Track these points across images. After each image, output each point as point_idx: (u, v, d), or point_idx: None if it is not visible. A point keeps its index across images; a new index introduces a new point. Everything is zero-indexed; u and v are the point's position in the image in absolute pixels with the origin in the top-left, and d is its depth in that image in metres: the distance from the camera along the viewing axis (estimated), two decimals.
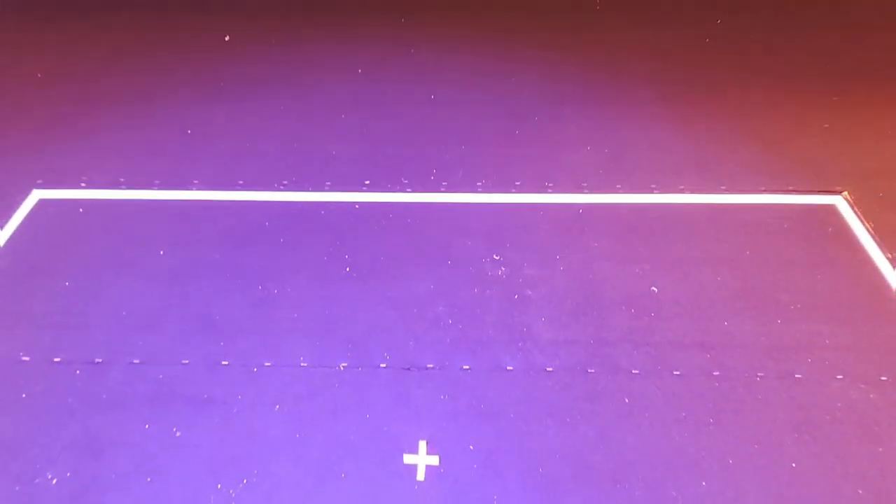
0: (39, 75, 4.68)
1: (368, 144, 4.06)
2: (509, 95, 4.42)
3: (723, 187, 3.73)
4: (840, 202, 3.59)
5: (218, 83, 4.61)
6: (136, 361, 2.85)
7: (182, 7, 5.40)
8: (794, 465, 2.43)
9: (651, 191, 3.73)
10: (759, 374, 2.76)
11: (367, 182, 3.82)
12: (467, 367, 2.84)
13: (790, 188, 3.69)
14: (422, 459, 2.50)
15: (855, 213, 3.49)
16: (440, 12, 5.20)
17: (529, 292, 3.15)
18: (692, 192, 3.71)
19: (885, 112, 4.22)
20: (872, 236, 3.36)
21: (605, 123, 4.19)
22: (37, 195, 3.71)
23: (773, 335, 2.91)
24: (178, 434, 2.58)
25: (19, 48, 5.01)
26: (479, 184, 3.81)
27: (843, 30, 4.94)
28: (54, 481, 2.42)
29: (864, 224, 3.42)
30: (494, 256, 3.34)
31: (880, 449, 2.47)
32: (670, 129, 4.13)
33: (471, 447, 2.52)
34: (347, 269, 3.29)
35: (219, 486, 2.40)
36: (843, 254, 3.30)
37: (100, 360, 2.85)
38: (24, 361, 2.85)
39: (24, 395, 2.72)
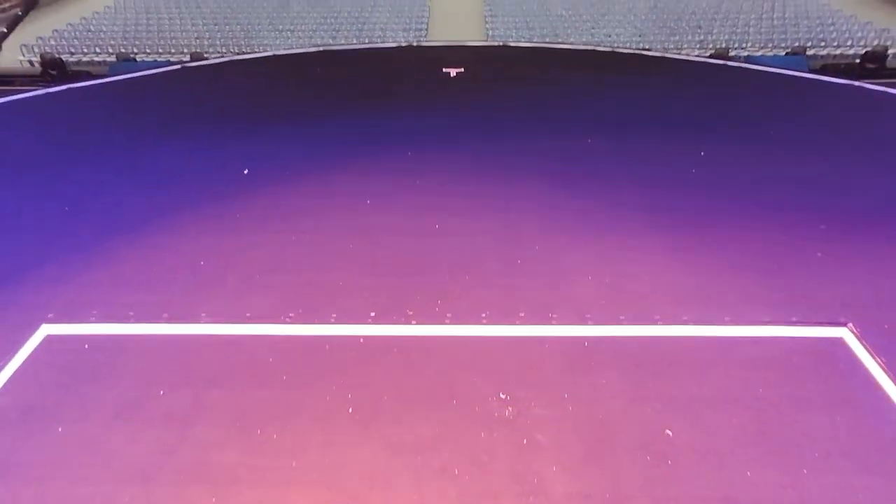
0: (67, 209, 4.95)
1: (375, 276, 4.17)
2: (510, 226, 4.62)
3: (727, 318, 3.75)
4: (846, 334, 3.57)
5: (233, 214, 4.86)
6: None
7: (200, 138, 5.85)
8: None
9: (655, 321, 3.74)
10: None
11: (373, 314, 3.85)
12: None
13: (794, 320, 3.70)
14: None
15: (864, 346, 3.47)
16: (444, 146, 5.62)
17: (539, 436, 3.02)
18: (696, 322, 3.72)
19: (873, 238, 4.36)
20: (886, 372, 3.30)
21: (604, 253, 4.33)
22: (45, 330, 3.73)
23: (801, 488, 2.73)
24: None
25: (45, 180, 5.35)
26: (483, 315, 3.84)
27: (819, 160, 5.29)
28: None
29: (875, 359, 3.37)
30: (501, 395, 3.26)
31: None
32: (667, 258, 4.25)
33: None
34: (350, 411, 3.19)
35: None
36: (859, 392, 3.21)
37: None
38: None
39: None
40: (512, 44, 6.54)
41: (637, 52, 6.34)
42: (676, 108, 5.40)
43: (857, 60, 10.03)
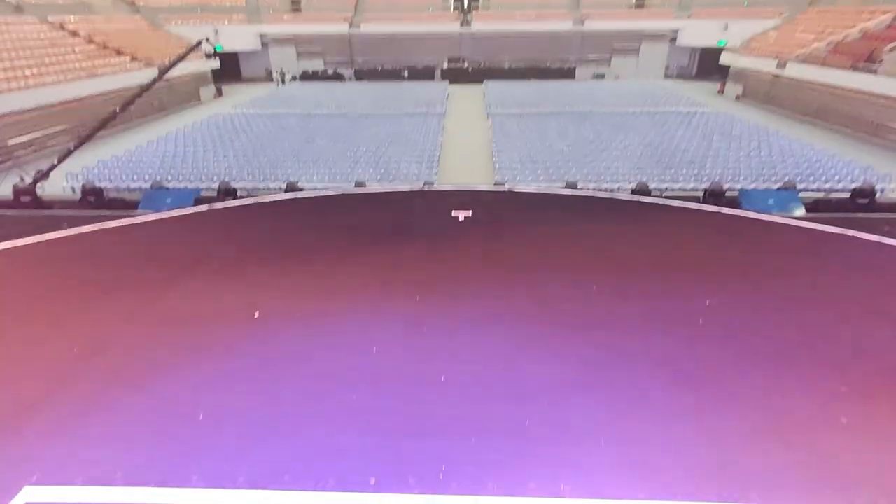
0: (76, 350, 4.98)
1: (377, 436, 4.01)
2: (518, 379, 4.53)
3: (753, 494, 3.48)
4: None
5: (239, 361, 4.84)
6: None
7: (216, 281, 6.00)
8: None
9: (675, 496, 3.47)
10: None
11: (373, 481, 3.64)
12: None
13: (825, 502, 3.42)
14: None
15: None
16: (453, 291, 5.73)
17: None
18: (720, 501, 3.45)
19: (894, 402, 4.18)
20: None
21: (617, 413, 4.17)
22: (26, 494, 3.55)
23: None
24: None
25: (52, 322, 5.43)
26: (489, 484, 3.61)
27: (830, 310, 5.26)
28: None
29: None
30: None
31: None
32: (686, 422, 4.06)
33: None
34: None
35: None
36: None
37: None
38: None
39: None
40: (517, 189, 6.96)
41: (635, 198, 6.70)
42: (678, 255, 5.54)
43: (848, 195, 10.45)
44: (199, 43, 10.49)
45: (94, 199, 8.52)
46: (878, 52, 17.11)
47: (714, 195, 8.31)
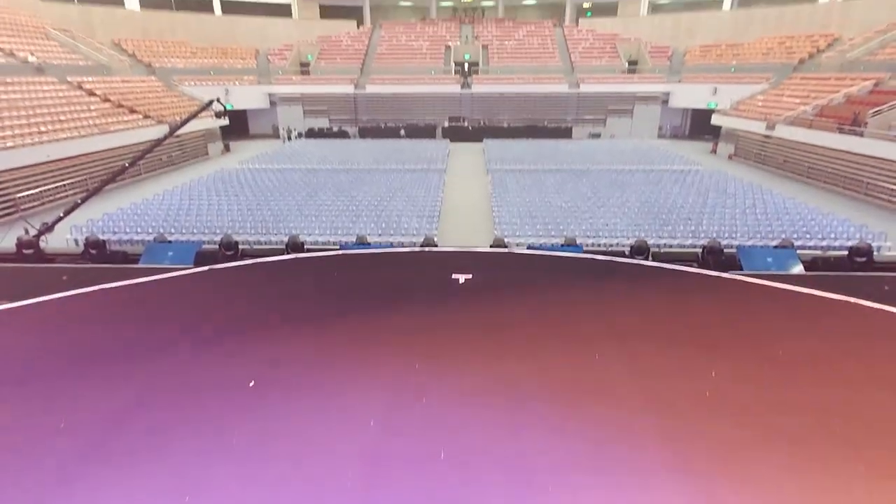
0: (62, 425, 4.82)
1: None
2: (519, 457, 4.33)
3: None
4: None
5: (230, 434, 4.66)
6: None
7: (211, 345, 5.92)
8: None
9: None
10: None
11: None
12: None
13: None
14: None
15: None
16: (452, 359, 5.62)
17: None
18: None
19: None
20: None
21: (621, 496, 3.98)
22: None
23: None
24: None
25: (42, 394, 5.32)
26: None
27: (846, 385, 5.13)
28: None
29: None
30: None
31: None
32: None
33: None
34: None
35: None
36: None
37: None
38: None
39: None
40: (518, 251, 6.99)
41: (636, 262, 6.72)
42: (681, 322, 5.47)
43: (846, 253, 10.52)
44: (211, 103, 10.93)
45: (96, 253, 8.57)
46: (863, 115, 17.81)
47: (712, 252, 8.36)
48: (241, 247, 10.40)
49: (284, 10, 37.66)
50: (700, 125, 29.72)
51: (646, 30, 34.88)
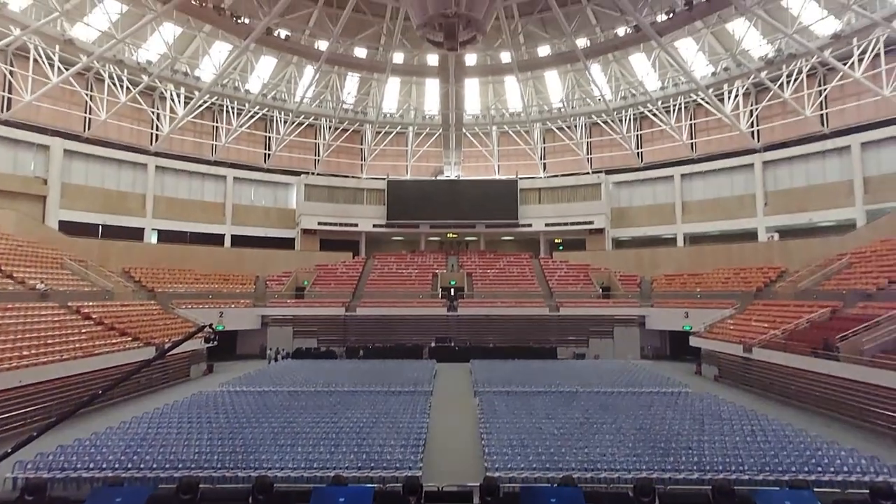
0: None
1: None
2: None
3: None
4: None
5: None
6: None
7: None
8: None
9: None
10: None
11: None
12: None
13: None
14: None
15: None
16: None
17: None
18: None
19: None
20: None
21: None
22: None
23: None
24: None
25: None
26: None
27: None
28: None
29: None
30: None
31: None
32: None
33: None
34: None
35: None
36: None
37: None
38: None
39: None
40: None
41: None
42: None
43: (867, 492, 9.68)
44: (203, 328, 11.16)
45: (34, 500, 7.52)
46: (832, 340, 18.66)
47: (723, 494, 7.66)
48: (202, 486, 9.28)
49: (289, 244, 41.86)
50: (680, 345, 30.60)
51: (613, 262, 38.87)
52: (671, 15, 28.55)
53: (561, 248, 44.06)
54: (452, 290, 37.33)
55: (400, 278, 38.52)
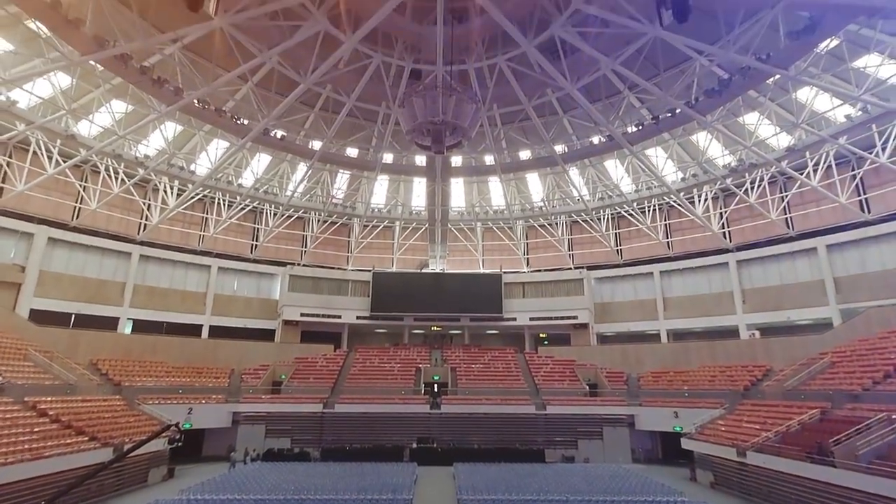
0: None
1: None
2: None
3: None
4: None
5: None
6: None
7: None
8: None
9: None
10: None
11: None
12: None
13: None
14: None
15: None
16: None
17: None
18: None
19: None
20: None
21: None
22: None
23: None
24: None
25: None
26: None
27: None
28: None
29: None
30: None
31: None
32: None
33: None
34: None
35: None
36: None
37: None
38: None
39: None
40: None
41: None
42: None
43: None
44: (168, 427, 10.39)
45: None
46: (826, 444, 18.12)
47: None
48: None
49: (268, 335, 40.78)
50: (672, 448, 29.32)
51: (599, 357, 38.41)
52: (640, 127, 31.18)
53: (546, 342, 43.65)
54: (436, 385, 36.08)
55: (382, 372, 37.28)
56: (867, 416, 19.21)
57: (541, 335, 44.21)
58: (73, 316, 32.80)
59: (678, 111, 28.71)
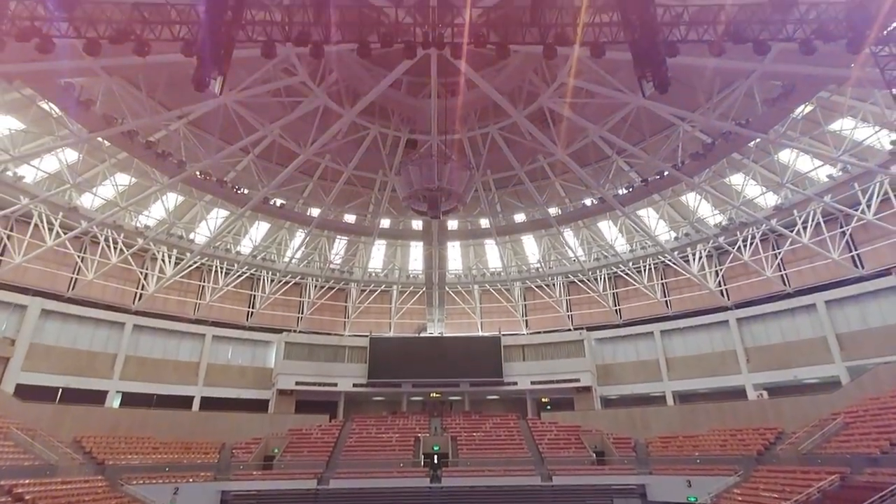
0: None
1: None
2: None
3: None
4: None
5: None
6: None
7: None
8: None
9: None
10: None
11: None
12: None
13: None
14: None
15: None
16: None
17: None
18: None
19: None
20: None
21: None
22: None
23: None
24: None
25: None
26: None
27: None
28: None
29: None
30: None
31: None
32: None
33: None
34: None
35: None
36: None
37: None
38: None
39: None
40: None
41: None
42: None
43: None
44: None
45: None
46: None
47: None
48: None
49: (262, 406, 39.41)
50: None
51: (604, 422, 37.06)
52: (630, 189, 32.06)
53: (549, 407, 42.25)
54: (436, 456, 34.44)
55: (379, 443, 35.68)
56: (889, 481, 18.28)
57: (543, 399, 42.88)
58: (61, 390, 31.74)
59: (666, 173, 29.65)
